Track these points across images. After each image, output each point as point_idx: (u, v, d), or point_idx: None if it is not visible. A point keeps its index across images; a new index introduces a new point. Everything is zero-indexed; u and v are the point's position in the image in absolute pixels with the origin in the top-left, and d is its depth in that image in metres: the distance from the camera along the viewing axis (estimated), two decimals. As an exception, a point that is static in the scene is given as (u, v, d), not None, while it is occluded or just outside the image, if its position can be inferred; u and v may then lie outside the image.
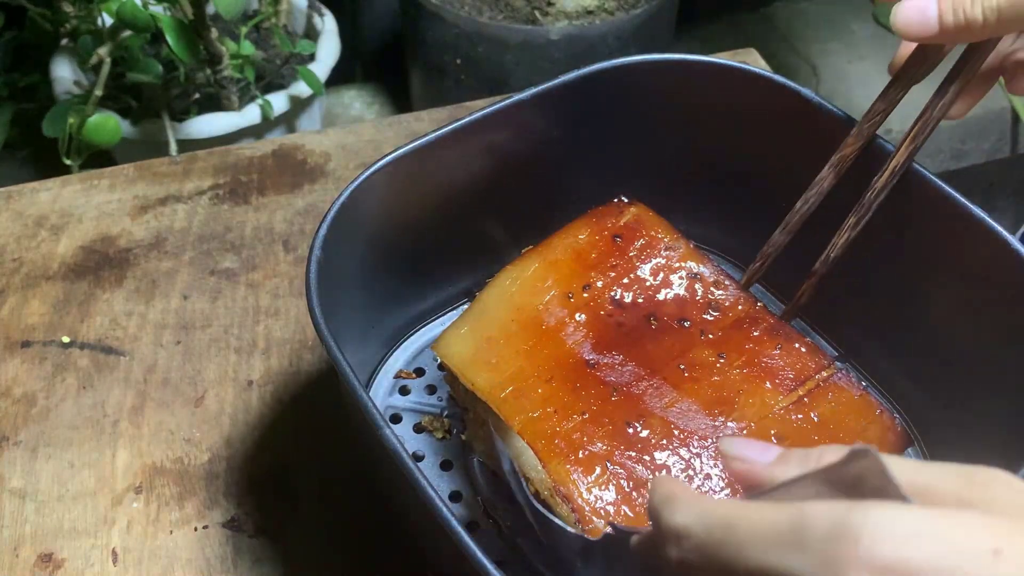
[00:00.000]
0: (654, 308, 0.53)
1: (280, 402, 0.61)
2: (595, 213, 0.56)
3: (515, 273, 0.54)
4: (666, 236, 0.55)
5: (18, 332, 0.65)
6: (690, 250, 0.55)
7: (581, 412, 0.48)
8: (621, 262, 0.54)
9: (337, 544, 0.54)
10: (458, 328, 0.53)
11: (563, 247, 0.55)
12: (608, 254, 0.54)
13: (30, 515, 0.55)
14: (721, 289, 0.54)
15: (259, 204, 0.75)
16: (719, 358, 0.51)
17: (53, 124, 0.98)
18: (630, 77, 0.57)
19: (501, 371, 0.50)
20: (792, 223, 0.54)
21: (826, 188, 0.53)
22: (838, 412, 0.49)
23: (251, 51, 1.12)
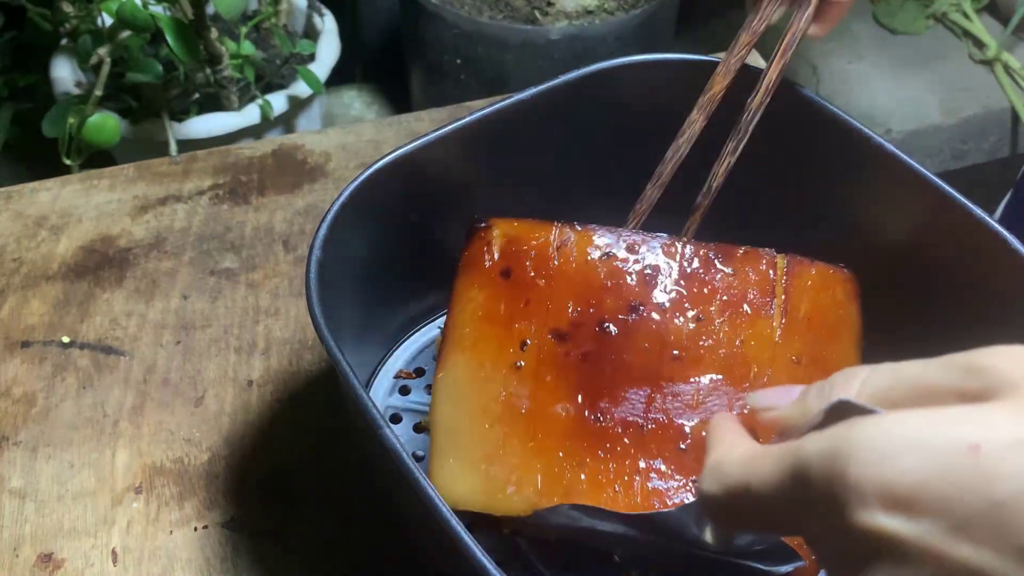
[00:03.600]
0: (598, 317, 0.47)
1: (280, 402, 0.61)
2: (467, 262, 0.50)
3: (451, 382, 0.47)
4: (542, 235, 0.48)
5: (18, 332, 0.65)
6: (578, 233, 0.48)
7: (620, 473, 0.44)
8: (531, 295, 0.47)
9: (337, 544, 0.54)
10: (444, 465, 0.46)
11: (470, 324, 0.48)
12: (512, 297, 0.48)
13: (30, 515, 0.55)
14: (640, 251, 0.47)
15: (259, 204, 0.75)
16: (697, 322, 0.47)
17: (53, 124, 0.98)
18: (630, 77, 0.57)
19: (524, 488, 0.44)
20: (664, 174, 0.53)
21: (697, 131, 0.52)
22: (814, 299, 0.48)
23: (251, 51, 1.12)
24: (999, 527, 0.21)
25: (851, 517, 0.23)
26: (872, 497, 0.22)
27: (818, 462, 0.24)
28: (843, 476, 0.23)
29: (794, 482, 0.25)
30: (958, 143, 1.35)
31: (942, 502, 0.21)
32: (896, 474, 0.22)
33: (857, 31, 1.44)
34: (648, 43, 1.26)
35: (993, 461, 0.21)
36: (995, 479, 0.21)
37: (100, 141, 0.97)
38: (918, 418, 0.23)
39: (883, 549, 0.22)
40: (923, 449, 0.22)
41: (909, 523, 0.22)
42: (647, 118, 0.59)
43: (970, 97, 1.34)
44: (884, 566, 0.23)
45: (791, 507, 0.25)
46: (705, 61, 0.57)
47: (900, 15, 1.44)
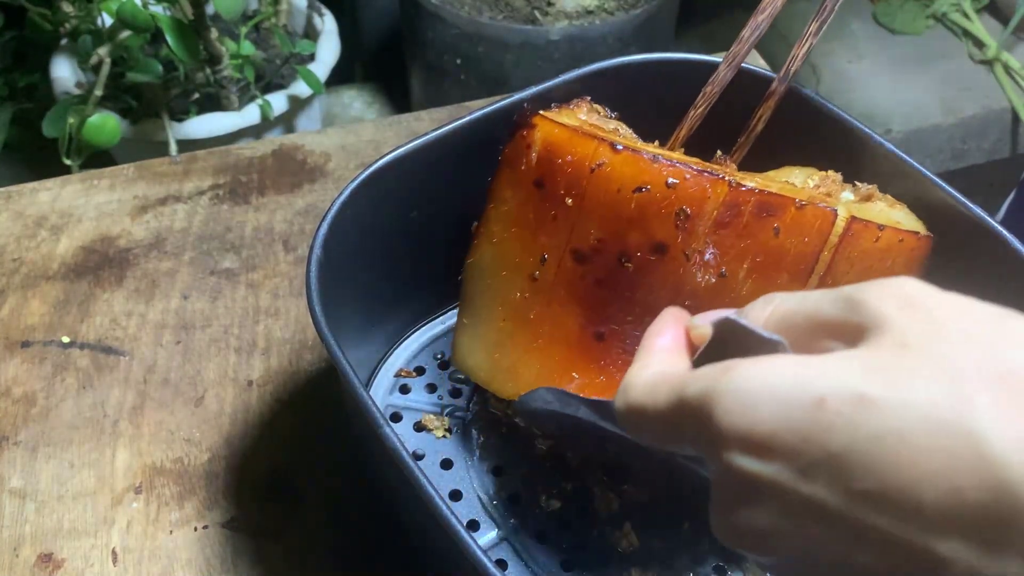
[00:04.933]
0: (620, 248, 0.45)
1: (280, 402, 0.61)
2: (507, 158, 0.49)
3: (477, 270, 0.50)
4: (581, 151, 0.45)
5: (18, 332, 0.65)
6: (618, 155, 0.44)
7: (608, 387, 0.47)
8: (559, 211, 0.46)
9: (337, 544, 0.54)
10: (463, 338, 0.51)
11: (500, 223, 0.49)
12: (541, 208, 0.47)
13: (30, 515, 0.55)
14: (680, 188, 0.43)
15: (259, 204, 0.75)
16: (720, 277, 0.44)
17: (53, 124, 0.98)
18: (630, 76, 0.57)
19: (519, 379, 0.48)
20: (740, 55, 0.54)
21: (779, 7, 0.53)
22: (865, 268, 0.45)
23: (251, 51, 1.12)
24: (835, 473, 0.23)
25: (719, 456, 0.26)
26: (732, 441, 0.25)
27: (694, 402, 0.27)
28: (710, 419, 0.26)
29: (676, 416, 0.28)
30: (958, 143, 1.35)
31: (789, 449, 0.24)
32: (752, 422, 0.25)
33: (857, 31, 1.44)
34: (648, 43, 1.26)
35: (832, 415, 0.23)
36: (832, 431, 0.23)
37: (100, 141, 0.97)
38: (780, 368, 0.25)
39: (744, 485, 0.25)
40: (777, 400, 0.24)
41: (763, 464, 0.25)
42: (647, 118, 0.59)
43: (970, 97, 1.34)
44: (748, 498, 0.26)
45: (676, 434, 0.28)
46: (705, 61, 0.57)
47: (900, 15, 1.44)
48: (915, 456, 0.22)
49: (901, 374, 0.23)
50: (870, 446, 0.23)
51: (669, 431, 0.29)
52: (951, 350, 0.23)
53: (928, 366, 0.23)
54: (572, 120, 0.49)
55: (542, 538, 0.52)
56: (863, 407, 0.23)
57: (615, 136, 0.47)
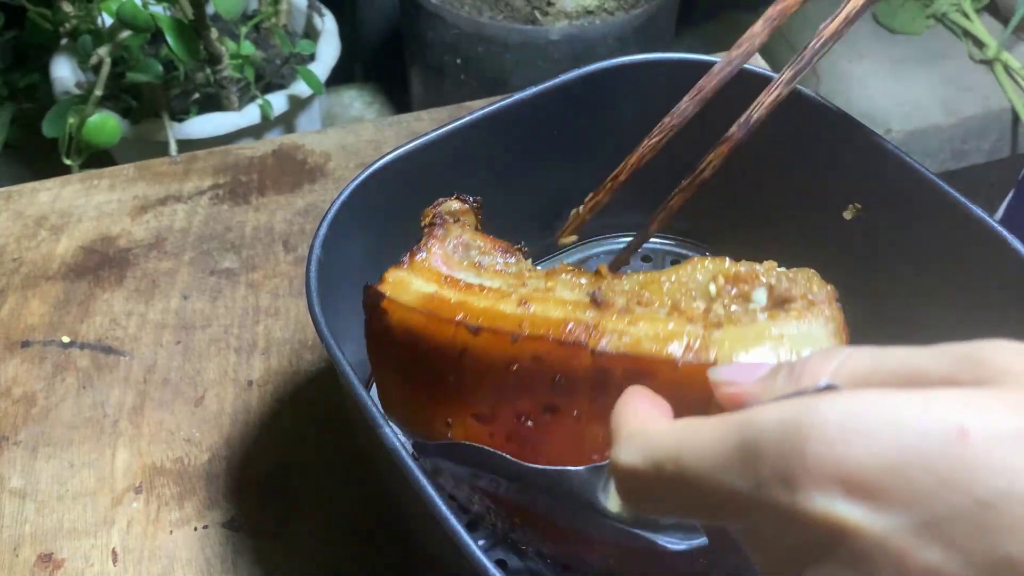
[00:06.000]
0: (515, 412, 0.43)
1: (280, 402, 0.61)
2: (373, 341, 0.47)
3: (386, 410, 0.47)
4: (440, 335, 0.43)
5: (18, 332, 0.65)
6: (477, 336, 0.42)
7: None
8: (444, 387, 0.44)
9: (337, 544, 0.54)
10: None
11: (392, 393, 0.48)
12: (427, 384, 0.45)
13: (30, 515, 0.55)
14: (540, 352, 0.41)
15: (259, 204, 0.75)
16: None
17: (53, 124, 0.98)
18: (630, 77, 0.57)
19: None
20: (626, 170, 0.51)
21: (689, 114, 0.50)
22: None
23: (251, 51, 1.12)
24: (978, 531, 0.17)
25: (802, 502, 0.19)
26: (832, 479, 0.19)
27: (773, 434, 0.20)
28: (801, 452, 0.19)
29: (739, 455, 0.21)
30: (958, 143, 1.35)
31: (915, 493, 0.18)
32: (865, 455, 0.18)
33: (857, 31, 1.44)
34: (648, 43, 1.26)
35: (983, 452, 0.18)
36: (983, 472, 0.17)
37: (100, 141, 0.97)
38: (899, 396, 0.19)
39: (833, 544, 0.19)
40: (901, 429, 0.18)
41: (872, 514, 0.18)
42: (647, 118, 0.59)
43: (970, 97, 1.34)
44: (829, 566, 0.19)
45: (730, 488, 0.21)
46: (705, 61, 0.57)
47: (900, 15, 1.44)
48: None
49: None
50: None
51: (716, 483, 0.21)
52: None
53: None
54: (426, 280, 0.45)
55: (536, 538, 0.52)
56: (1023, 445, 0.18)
57: (476, 294, 0.44)
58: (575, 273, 0.44)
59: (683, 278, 0.42)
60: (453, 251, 0.46)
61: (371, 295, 0.45)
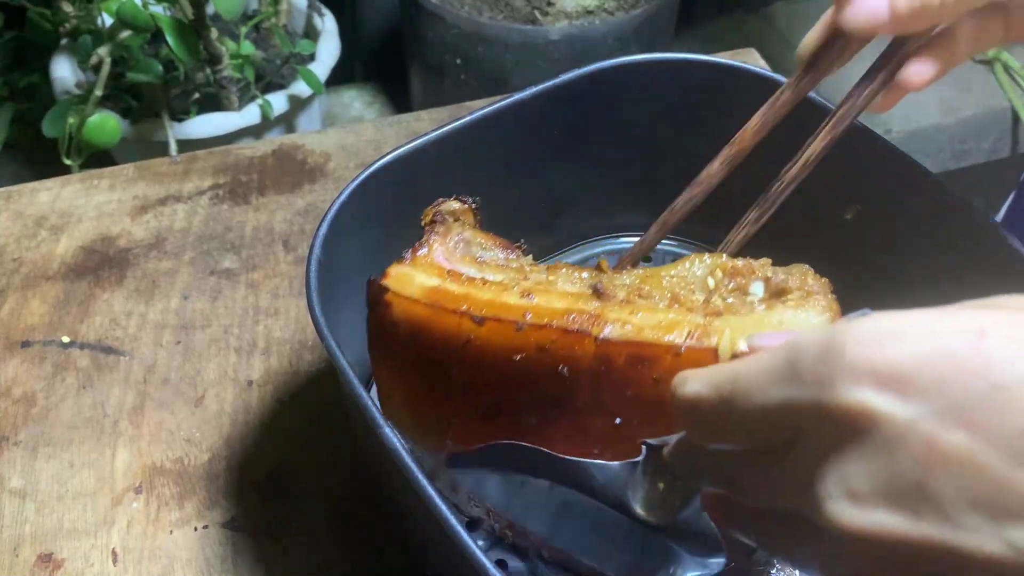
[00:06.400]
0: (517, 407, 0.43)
1: (280, 402, 0.61)
2: (376, 338, 0.47)
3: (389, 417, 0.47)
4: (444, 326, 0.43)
5: (18, 332, 0.65)
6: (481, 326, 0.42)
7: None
8: (447, 382, 0.44)
9: (337, 544, 0.54)
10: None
11: (394, 395, 0.48)
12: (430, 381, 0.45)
13: (30, 515, 0.55)
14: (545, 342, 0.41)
15: (259, 204, 0.75)
16: (615, 426, 0.42)
17: (53, 124, 0.98)
18: (630, 77, 0.57)
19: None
20: (672, 222, 0.50)
21: (715, 184, 0.49)
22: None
23: (251, 51, 1.12)
24: (996, 411, 0.20)
25: (839, 396, 0.22)
26: (865, 373, 0.21)
27: (814, 347, 0.23)
28: (839, 354, 0.22)
29: (787, 369, 0.23)
30: (958, 143, 1.35)
31: (939, 383, 0.20)
32: (894, 352, 0.21)
33: (857, 31, 1.44)
34: (648, 43, 1.26)
35: (998, 346, 0.20)
36: (998, 362, 0.20)
37: (100, 141, 0.97)
38: (928, 310, 0.22)
39: (867, 433, 0.21)
40: (929, 331, 0.21)
41: (901, 403, 0.21)
42: (647, 117, 0.59)
43: (970, 97, 1.34)
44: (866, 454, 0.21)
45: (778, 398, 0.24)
46: (705, 61, 0.57)
47: (900, 15, 1.44)
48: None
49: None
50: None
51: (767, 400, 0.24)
52: None
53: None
54: (429, 274, 0.45)
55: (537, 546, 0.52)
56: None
57: (478, 286, 0.44)
58: (576, 268, 0.45)
59: (682, 272, 0.43)
60: (455, 247, 0.46)
61: (374, 289, 0.45)
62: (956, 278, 0.52)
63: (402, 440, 0.40)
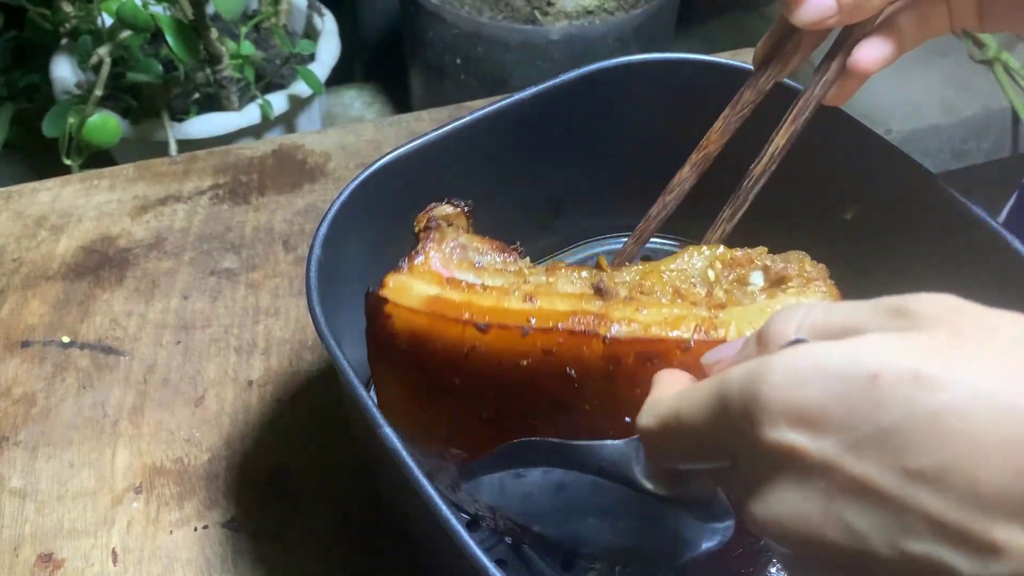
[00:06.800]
0: (522, 409, 0.43)
1: (280, 402, 0.61)
2: (376, 347, 0.46)
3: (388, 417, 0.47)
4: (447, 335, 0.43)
5: (18, 332, 0.65)
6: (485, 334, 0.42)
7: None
8: (448, 389, 0.44)
9: (337, 544, 0.54)
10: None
11: (393, 401, 0.47)
12: (430, 389, 0.45)
13: (30, 515, 0.55)
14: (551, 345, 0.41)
15: (259, 204, 0.75)
16: (625, 424, 0.41)
17: (53, 124, 0.98)
18: (630, 76, 0.57)
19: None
20: (648, 231, 0.50)
21: (687, 189, 0.49)
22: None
23: (251, 51, 1.12)
24: (886, 450, 0.23)
25: (761, 434, 0.25)
26: (780, 415, 0.24)
27: (738, 385, 0.26)
28: (756, 396, 0.25)
29: (717, 405, 0.27)
30: (958, 143, 1.35)
31: (839, 423, 0.23)
32: (802, 396, 0.24)
33: (857, 31, 1.44)
34: (648, 43, 1.26)
35: (888, 390, 0.23)
36: (885, 407, 0.23)
37: (100, 141, 0.97)
38: (831, 347, 0.24)
39: (788, 464, 0.24)
40: (829, 375, 0.24)
41: (811, 439, 0.24)
42: (647, 117, 0.59)
43: (970, 97, 1.34)
44: (788, 482, 0.25)
45: (713, 431, 0.27)
46: (705, 61, 0.57)
47: (900, 15, 1.44)
48: (974, 434, 0.21)
49: (960, 358, 0.23)
50: (926, 423, 0.22)
51: (704, 428, 0.28)
52: (1009, 344, 0.23)
53: (988, 354, 0.23)
54: (428, 283, 0.45)
55: (543, 537, 0.52)
56: (919, 384, 0.22)
57: (479, 293, 0.44)
58: (574, 268, 0.44)
59: (681, 266, 0.44)
60: (451, 253, 0.46)
61: (373, 300, 0.44)
62: (956, 278, 0.52)
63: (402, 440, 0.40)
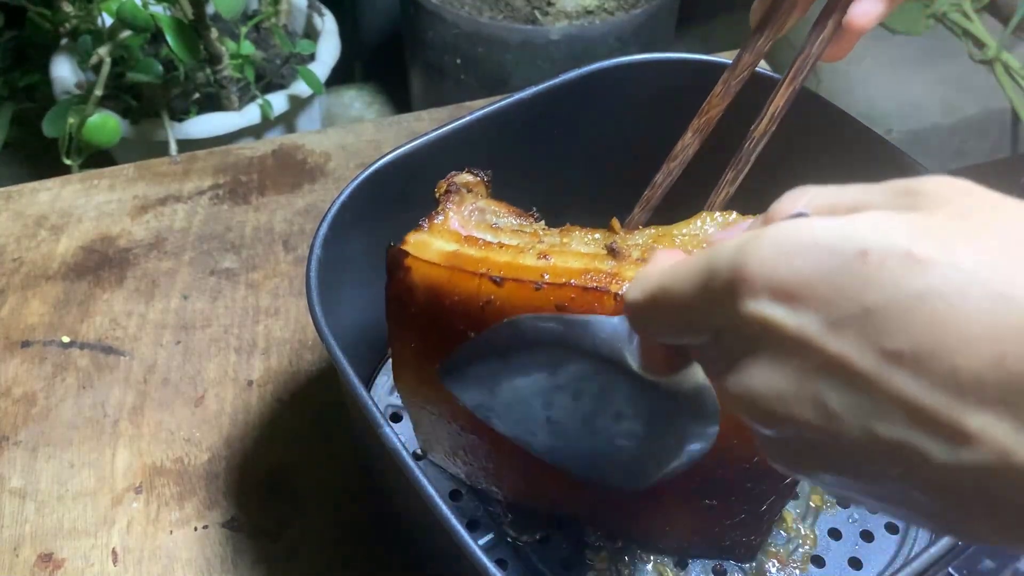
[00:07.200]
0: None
1: (280, 402, 0.61)
2: (394, 303, 0.47)
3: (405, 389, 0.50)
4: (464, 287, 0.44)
5: (18, 332, 0.65)
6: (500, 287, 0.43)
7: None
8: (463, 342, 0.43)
9: (337, 544, 0.54)
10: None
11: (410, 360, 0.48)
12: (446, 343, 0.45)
13: (30, 515, 0.55)
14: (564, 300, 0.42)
15: (259, 204, 0.75)
16: None
17: (53, 124, 0.98)
18: (630, 76, 0.57)
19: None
20: (654, 198, 0.50)
21: (690, 155, 0.50)
22: None
23: (251, 51, 1.12)
24: (867, 330, 0.22)
25: (743, 306, 0.24)
26: (762, 288, 0.24)
27: (726, 257, 0.25)
28: (742, 267, 0.24)
29: (704, 276, 0.26)
30: (958, 143, 1.35)
31: (822, 300, 0.23)
32: (786, 269, 0.23)
33: (857, 31, 1.44)
34: (648, 43, 1.26)
35: (874, 269, 0.22)
36: (870, 286, 0.22)
37: (100, 141, 0.97)
38: (825, 222, 0.24)
39: (766, 338, 0.24)
40: (817, 250, 0.23)
41: (790, 314, 0.23)
42: (647, 117, 0.59)
43: (970, 97, 1.34)
44: (765, 357, 0.24)
45: (697, 303, 0.27)
46: (705, 61, 0.57)
47: (900, 15, 1.44)
48: (959, 319, 0.21)
49: (956, 239, 0.22)
50: (911, 304, 0.22)
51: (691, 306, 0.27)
52: (1011, 226, 0.22)
53: (985, 236, 0.22)
54: (447, 240, 0.46)
55: (543, 537, 0.52)
56: (909, 264, 0.22)
57: (496, 250, 0.45)
58: (588, 230, 0.46)
59: (693, 231, 0.45)
60: (469, 215, 0.47)
61: (394, 254, 0.45)
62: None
63: (403, 439, 0.40)
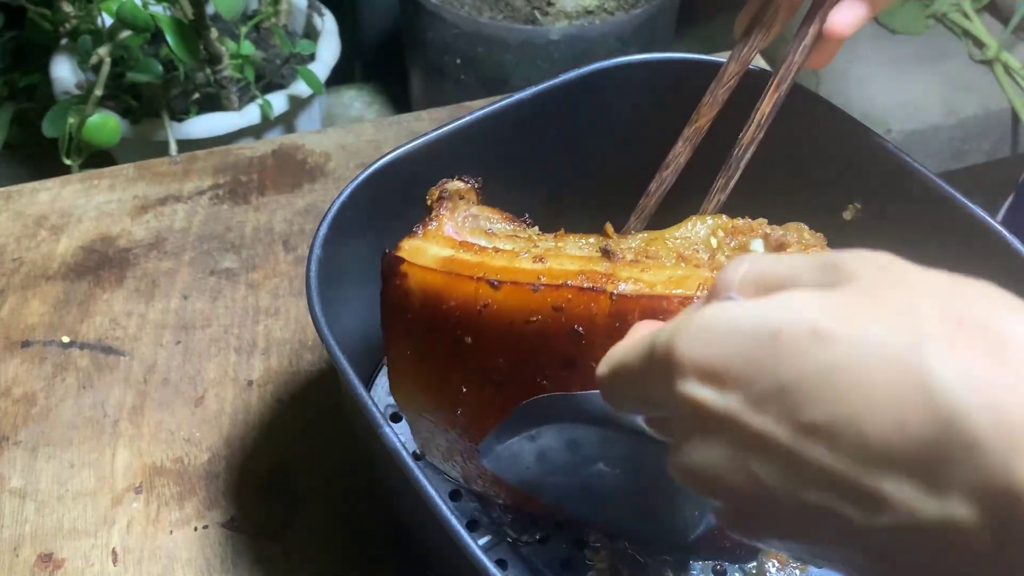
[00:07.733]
0: (533, 371, 0.44)
1: (280, 402, 0.61)
2: (390, 308, 0.47)
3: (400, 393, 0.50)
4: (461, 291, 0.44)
5: (18, 332, 0.65)
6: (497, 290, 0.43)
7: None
8: (460, 350, 0.45)
9: (337, 544, 0.54)
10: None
11: (406, 367, 0.48)
12: (443, 350, 0.45)
13: (30, 515, 0.55)
14: (561, 301, 0.42)
15: (259, 204, 0.75)
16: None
17: (53, 124, 0.98)
18: (630, 76, 0.57)
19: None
20: (648, 207, 0.51)
21: (683, 163, 0.51)
22: None
23: (251, 51, 1.12)
24: (784, 405, 0.23)
25: (677, 387, 0.26)
26: (690, 369, 0.26)
27: (663, 338, 0.27)
28: (672, 350, 0.26)
29: (648, 356, 0.28)
30: (958, 143, 1.35)
31: (743, 379, 0.24)
32: (711, 352, 0.25)
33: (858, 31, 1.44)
34: (648, 43, 1.26)
35: (785, 347, 0.24)
36: (784, 362, 0.24)
37: (100, 141, 0.97)
38: (745, 306, 0.25)
39: (698, 417, 0.26)
40: (738, 333, 0.25)
41: (716, 393, 0.25)
42: (647, 118, 0.59)
43: (970, 97, 1.34)
44: (700, 434, 0.26)
45: (646, 381, 0.28)
46: (705, 61, 0.57)
47: (900, 15, 1.44)
48: (863, 389, 0.22)
49: (859, 313, 0.23)
50: (820, 378, 0.23)
51: (639, 377, 0.29)
52: (912, 298, 0.24)
53: (888, 309, 0.23)
54: (441, 246, 0.46)
55: (543, 538, 0.52)
56: (816, 340, 0.23)
57: (491, 254, 0.45)
58: (582, 235, 0.46)
59: (685, 234, 0.46)
60: (463, 221, 0.48)
61: (389, 260, 0.45)
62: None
63: (403, 439, 0.40)
